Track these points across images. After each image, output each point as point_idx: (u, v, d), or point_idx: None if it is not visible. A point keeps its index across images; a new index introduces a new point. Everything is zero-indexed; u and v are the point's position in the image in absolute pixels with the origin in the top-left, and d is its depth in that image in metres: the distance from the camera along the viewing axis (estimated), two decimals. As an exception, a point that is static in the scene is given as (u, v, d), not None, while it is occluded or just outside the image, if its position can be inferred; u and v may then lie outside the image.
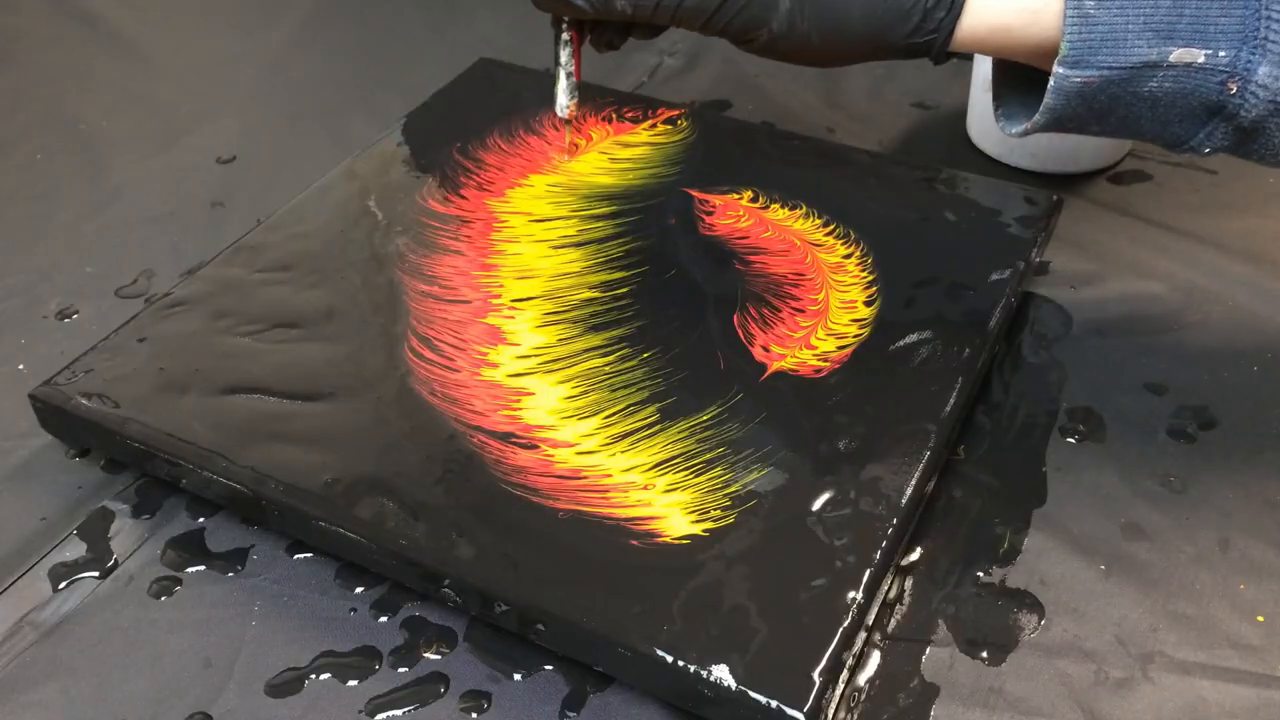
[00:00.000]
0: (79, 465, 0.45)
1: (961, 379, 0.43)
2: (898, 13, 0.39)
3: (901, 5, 0.39)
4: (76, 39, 0.75)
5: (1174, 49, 0.35)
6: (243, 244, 0.51)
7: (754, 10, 0.40)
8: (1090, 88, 0.36)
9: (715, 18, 0.40)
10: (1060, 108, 0.37)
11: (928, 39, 0.39)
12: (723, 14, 0.40)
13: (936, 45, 0.39)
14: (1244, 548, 0.41)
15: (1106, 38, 0.36)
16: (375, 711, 0.37)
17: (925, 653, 0.38)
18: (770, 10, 0.39)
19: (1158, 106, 0.37)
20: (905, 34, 0.39)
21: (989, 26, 0.39)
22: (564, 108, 0.48)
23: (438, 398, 0.43)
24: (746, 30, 0.40)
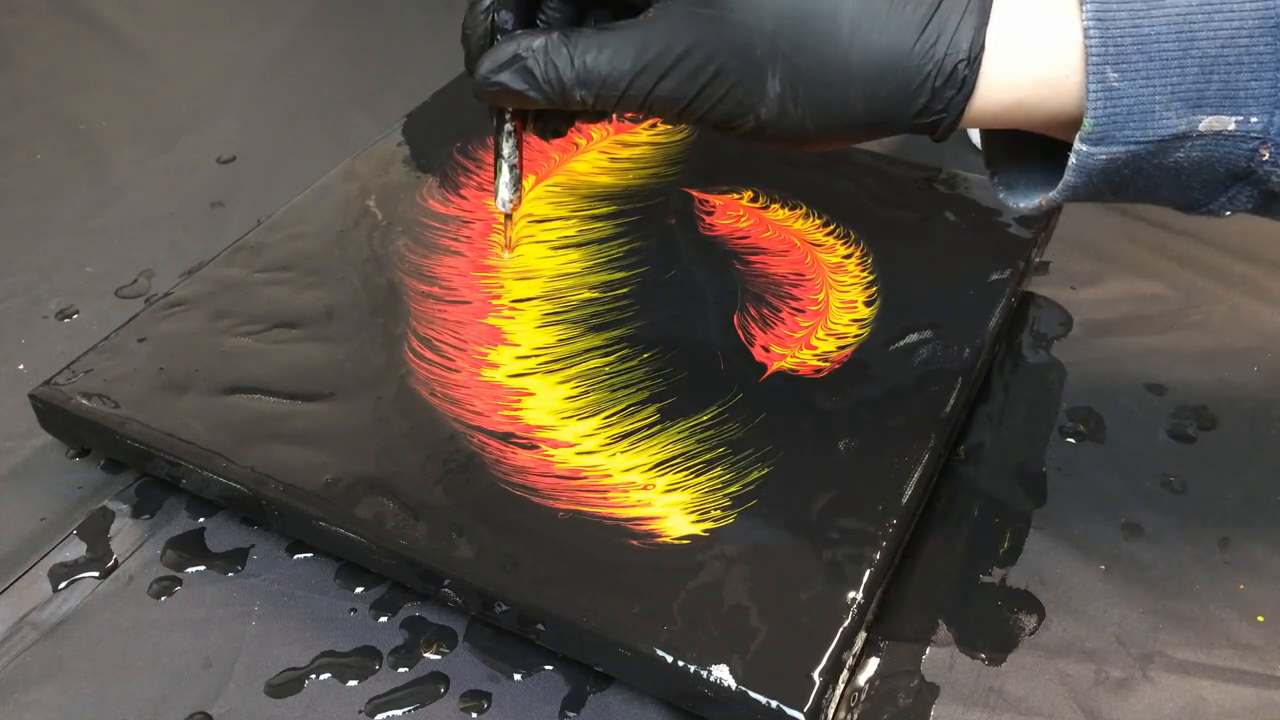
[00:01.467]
0: (79, 465, 0.45)
1: (961, 379, 0.43)
2: (903, 93, 0.34)
3: (907, 85, 0.34)
4: (76, 39, 0.75)
5: (1203, 117, 0.33)
6: (243, 244, 0.51)
7: (737, 97, 0.35)
8: (1115, 163, 0.33)
9: (692, 106, 0.36)
10: (1081, 185, 0.34)
11: (935, 118, 0.35)
12: (700, 102, 0.36)
13: (944, 125, 0.35)
14: (1244, 548, 0.41)
15: (1133, 111, 0.33)
16: (375, 711, 0.37)
17: (925, 653, 0.38)
18: (756, 96, 0.35)
19: (1181, 175, 0.34)
20: (911, 115, 0.35)
21: (1002, 103, 0.35)
22: (507, 202, 0.43)
23: (438, 398, 0.43)
24: (730, 119, 0.36)
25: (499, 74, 0.38)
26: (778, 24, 0.34)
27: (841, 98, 0.35)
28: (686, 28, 0.35)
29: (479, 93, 0.39)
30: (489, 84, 0.38)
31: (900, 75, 0.34)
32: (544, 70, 0.37)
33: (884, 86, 0.34)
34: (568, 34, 0.37)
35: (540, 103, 0.38)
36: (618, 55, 0.36)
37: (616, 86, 0.36)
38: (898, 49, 0.34)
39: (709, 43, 0.35)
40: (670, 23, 0.35)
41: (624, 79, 0.36)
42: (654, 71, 0.36)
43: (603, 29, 0.37)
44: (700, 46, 0.35)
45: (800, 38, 0.34)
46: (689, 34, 0.35)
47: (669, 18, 0.35)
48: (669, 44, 0.35)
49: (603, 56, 0.36)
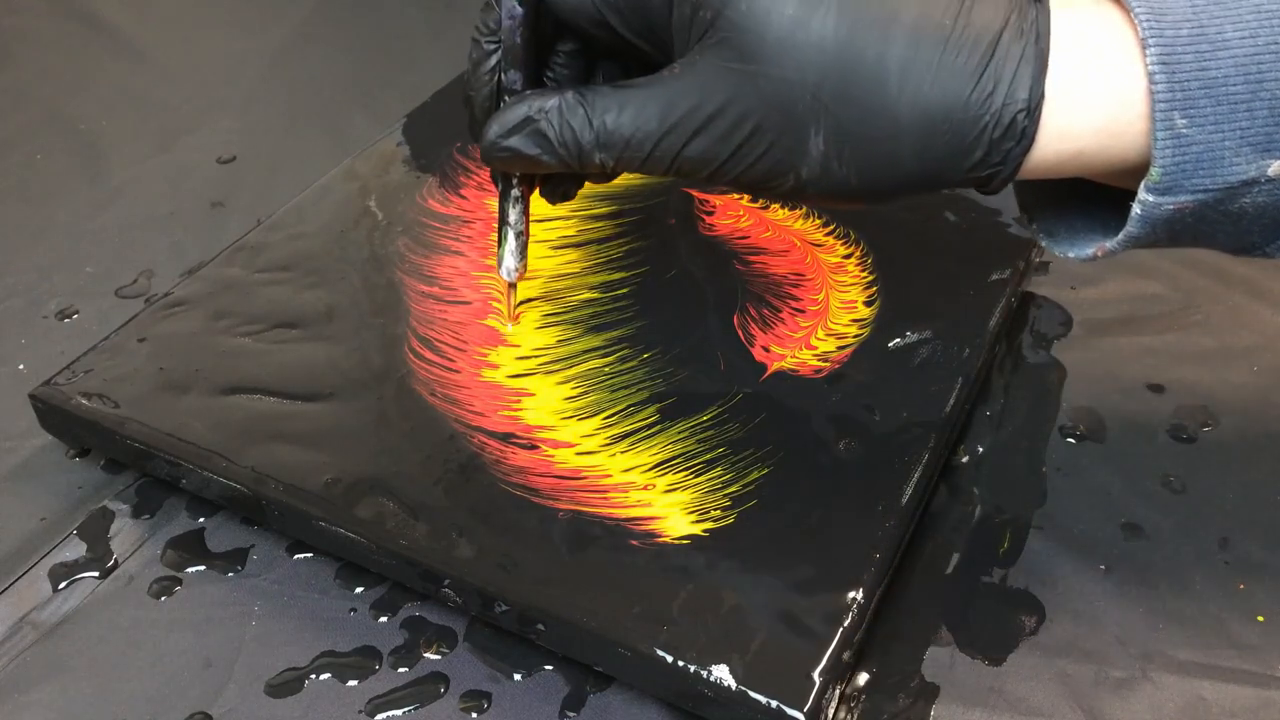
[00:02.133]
0: (79, 465, 0.45)
1: (961, 379, 0.43)
2: (958, 146, 0.32)
3: (962, 137, 0.32)
4: (76, 39, 0.75)
5: (1273, 161, 0.31)
6: (243, 244, 0.51)
7: (776, 155, 0.33)
8: (1181, 212, 0.32)
9: (725, 167, 0.33)
10: (1143, 235, 0.32)
11: (990, 171, 0.33)
12: (735, 163, 0.33)
13: (999, 178, 0.33)
14: (1244, 548, 0.41)
15: (1202, 158, 0.31)
16: (375, 711, 0.37)
17: (925, 653, 0.38)
18: (797, 155, 0.33)
19: (1242, 220, 0.33)
20: (966, 169, 0.33)
21: (1061, 153, 0.32)
22: (512, 272, 0.42)
23: (438, 398, 0.43)
24: (767, 179, 0.34)
25: (509, 138, 0.35)
26: (821, 76, 0.32)
27: (890, 153, 0.32)
28: (719, 83, 0.33)
29: (487, 159, 0.37)
30: (498, 149, 0.36)
31: (954, 127, 0.32)
32: (559, 132, 0.35)
33: (937, 140, 0.32)
34: (583, 93, 0.35)
35: (554, 167, 0.35)
36: (642, 114, 0.34)
37: (641, 148, 0.34)
38: (951, 100, 0.32)
39: (744, 99, 0.32)
40: (700, 78, 0.33)
41: (649, 140, 0.34)
42: (683, 131, 0.33)
43: (621, 86, 0.35)
44: (735, 103, 0.33)
45: (846, 90, 0.32)
46: (722, 90, 0.33)
47: (698, 73, 0.33)
48: (699, 101, 0.33)
49: (625, 116, 0.34)
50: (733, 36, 0.32)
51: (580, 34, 0.36)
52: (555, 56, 0.37)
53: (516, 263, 0.42)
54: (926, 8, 0.32)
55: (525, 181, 0.40)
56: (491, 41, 0.37)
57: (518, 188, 0.40)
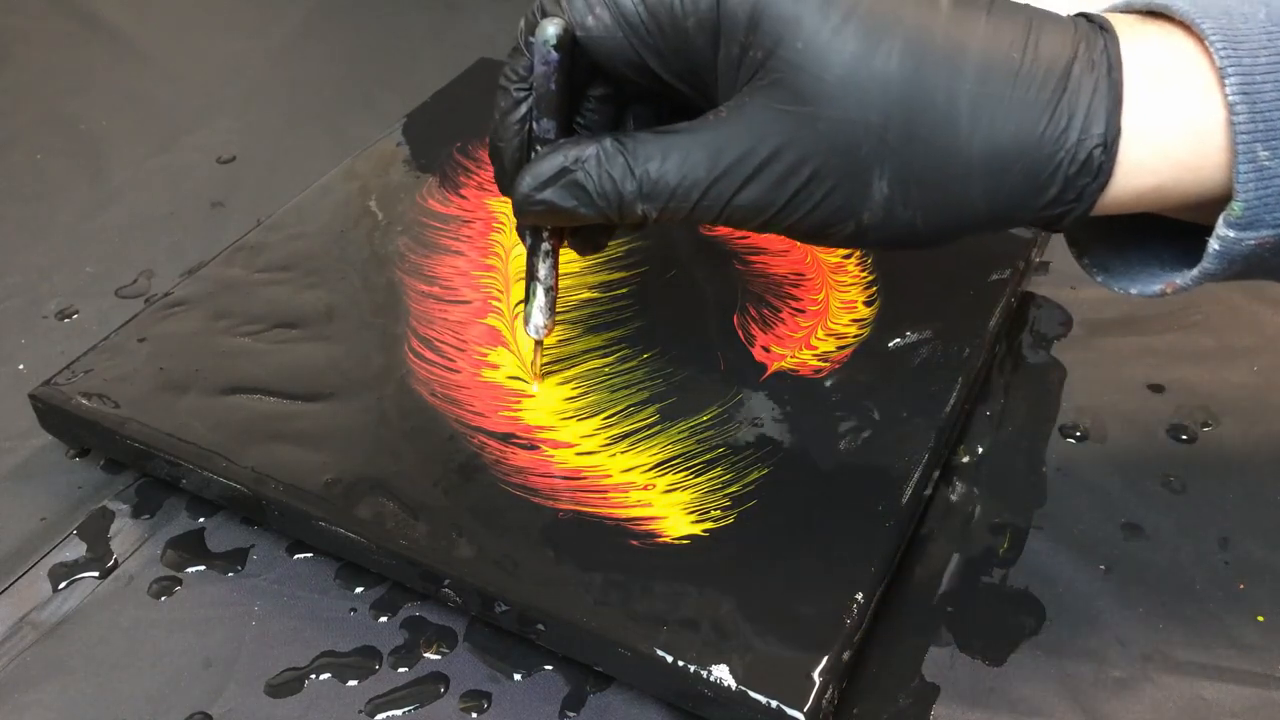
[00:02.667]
0: (79, 465, 0.45)
1: (961, 379, 0.43)
2: (1031, 185, 0.31)
3: (1036, 175, 0.30)
4: (76, 39, 0.75)
5: None
6: (243, 244, 0.51)
7: (836, 202, 0.31)
8: (1262, 248, 0.30)
9: (780, 215, 0.32)
10: (1219, 271, 0.31)
11: (1064, 209, 0.31)
12: (791, 210, 0.32)
13: (1072, 215, 0.31)
14: (1244, 548, 0.41)
15: None
16: (375, 711, 0.37)
17: (925, 653, 0.38)
18: (859, 199, 0.31)
19: None
20: (1039, 207, 0.31)
21: (1138, 189, 0.31)
22: (541, 329, 0.40)
23: (438, 398, 0.43)
24: (825, 226, 0.32)
25: (544, 191, 0.34)
26: (886, 116, 0.30)
27: (960, 194, 0.31)
28: (773, 126, 0.31)
29: (520, 213, 0.35)
30: (533, 203, 0.34)
31: (1028, 165, 0.30)
32: (598, 183, 0.33)
33: (1009, 178, 0.31)
34: (622, 140, 0.33)
35: (592, 219, 0.34)
36: (687, 161, 0.32)
37: (688, 197, 0.32)
38: (1024, 136, 0.30)
39: (802, 142, 0.31)
40: (751, 121, 0.31)
41: (697, 188, 0.32)
42: (734, 178, 0.32)
43: (663, 132, 0.33)
44: (791, 147, 0.31)
45: (912, 130, 0.30)
46: (776, 133, 0.31)
47: (748, 115, 0.31)
48: (752, 145, 0.31)
49: (669, 163, 0.32)
50: (787, 77, 0.31)
51: (614, 77, 0.34)
52: (586, 102, 0.35)
53: (545, 320, 0.40)
54: (993, 40, 0.30)
55: (556, 234, 0.38)
56: (522, 89, 0.35)
57: (548, 241, 0.38)
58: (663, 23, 0.32)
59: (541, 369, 0.43)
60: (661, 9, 0.32)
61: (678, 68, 0.33)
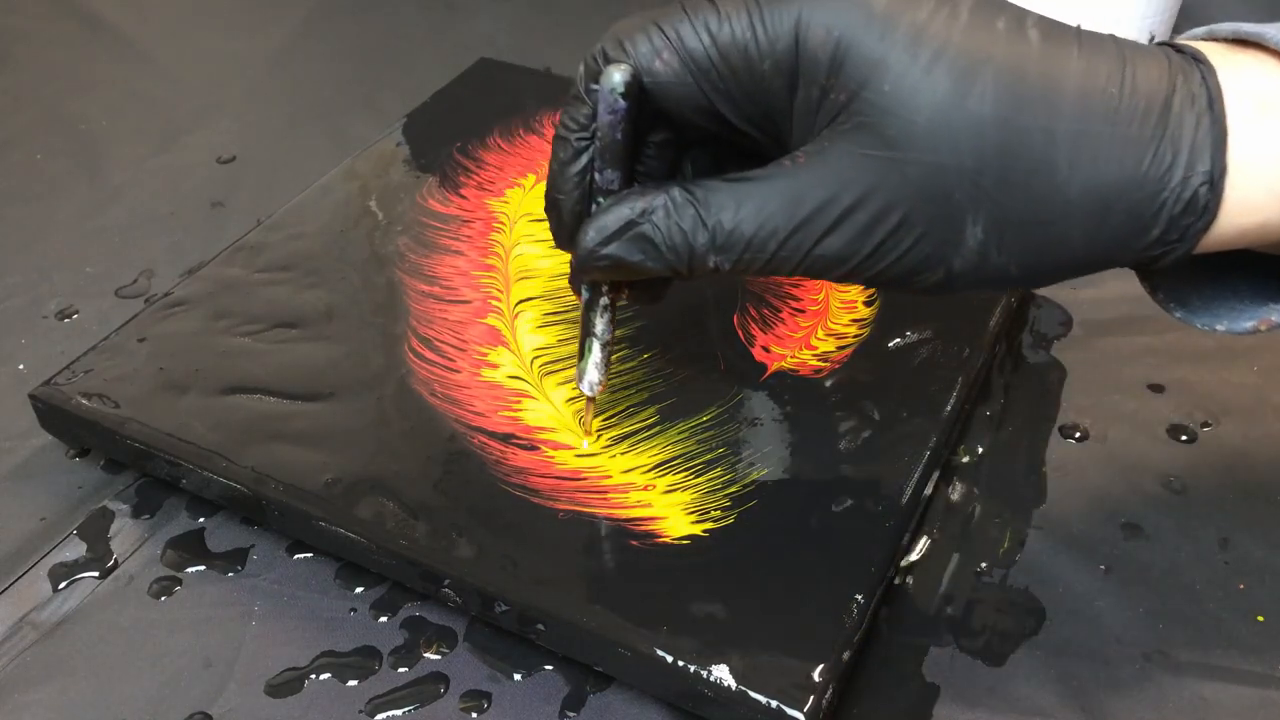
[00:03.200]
0: (79, 465, 0.45)
1: (961, 379, 0.43)
2: (1133, 226, 0.29)
3: (1138, 216, 0.29)
4: (76, 39, 0.75)
5: None
6: (243, 244, 0.51)
7: (925, 250, 0.30)
8: None
9: (863, 265, 0.30)
10: None
11: (1165, 250, 0.30)
12: (876, 260, 0.30)
13: (1173, 256, 0.30)
14: (1244, 548, 0.41)
15: None
16: (375, 711, 0.37)
17: (925, 653, 0.38)
18: (950, 246, 0.30)
19: None
20: (1139, 249, 0.30)
21: (1242, 226, 0.30)
22: (595, 385, 0.38)
23: (438, 398, 0.43)
24: (912, 274, 0.30)
25: (609, 245, 0.32)
26: (980, 159, 0.29)
27: (1058, 238, 0.30)
28: (857, 172, 0.29)
29: (584, 268, 0.33)
30: (597, 258, 0.32)
31: (1130, 205, 0.29)
32: (667, 236, 0.31)
33: (1110, 220, 0.29)
34: (690, 189, 0.31)
35: (660, 273, 0.32)
36: (764, 210, 0.30)
37: (764, 248, 0.31)
38: (1126, 175, 0.29)
39: (889, 189, 0.29)
40: (833, 167, 0.30)
41: (774, 239, 0.30)
42: (816, 226, 0.30)
43: (735, 179, 0.31)
44: (877, 193, 0.29)
45: (1009, 173, 0.29)
46: (861, 179, 0.29)
47: (830, 161, 0.30)
48: (834, 192, 0.30)
49: (744, 213, 0.30)
50: (873, 120, 0.29)
51: (677, 123, 0.33)
52: (645, 149, 0.33)
53: (600, 375, 0.38)
54: (1088, 76, 0.29)
55: (615, 288, 0.36)
56: (583, 138, 0.33)
57: (607, 295, 0.36)
58: (736, 66, 0.30)
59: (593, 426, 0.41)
60: (735, 52, 0.30)
61: (750, 112, 0.31)
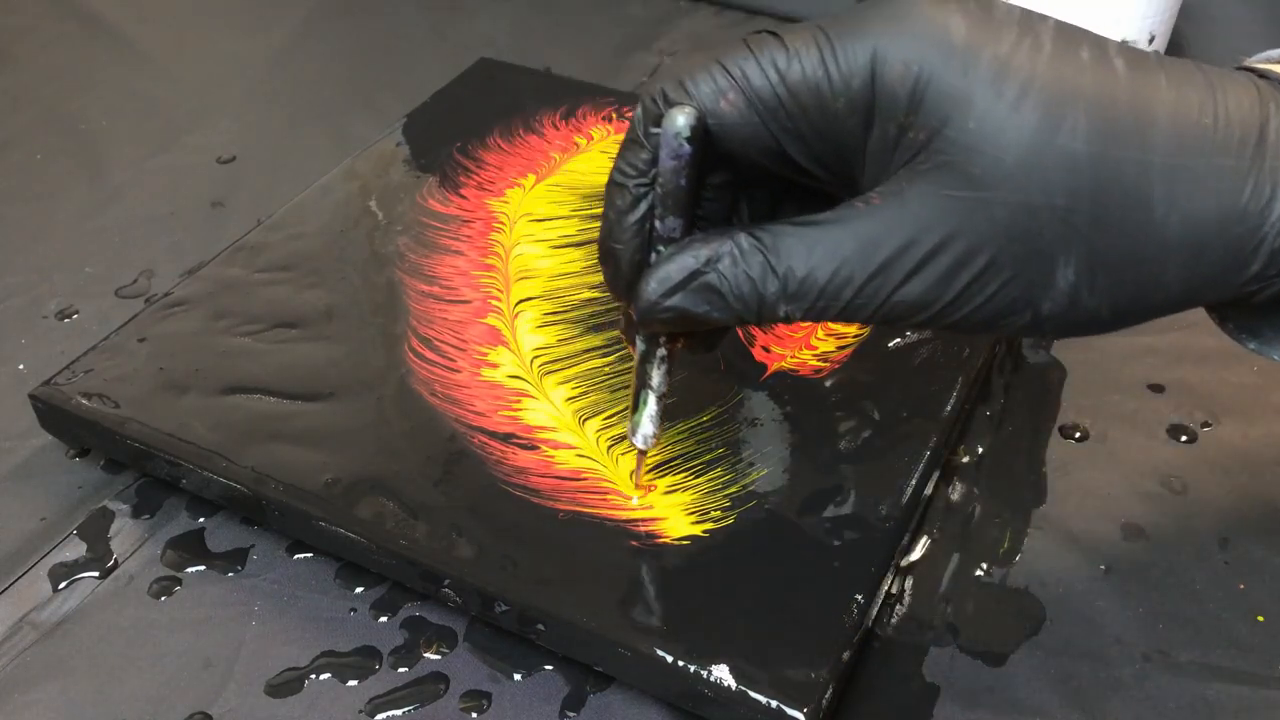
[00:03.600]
0: (79, 465, 0.45)
1: (961, 379, 0.43)
2: (1231, 261, 0.28)
3: (1237, 251, 0.28)
4: (76, 39, 0.75)
5: None
6: (243, 244, 0.51)
7: (1012, 293, 0.28)
8: None
9: (946, 311, 0.29)
10: None
11: (1263, 286, 0.29)
12: (959, 305, 0.29)
13: (1268, 293, 0.29)
14: (1244, 548, 0.41)
15: None
16: (375, 711, 0.37)
17: (925, 653, 0.38)
18: (1039, 290, 0.28)
19: None
20: (1238, 284, 0.29)
21: None
22: (650, 439, 0.37)
23: (438, 398, 0.43)
24: (996, 319, 0.29)
25: (673, 297, 0.30)
26: (1073, 198, 0.27)
27: (1153, 277, 0.28)
28: (939, 213, 0.28)
29: (646, 321, 0.31)
30: (660, 310, 0.30)
31: (1229, 241, 0.28)
32: (734, 285, 0.30)
33: (1208, 257, 0.28)
34: (757, 235, 0.30)
35: (726, 324, 0.31)
36: (839, 255, 0.29)
37: (838, 296, 0.29)
38: (1225, 210, 0.27)
39: (974, 230, 0.28)
40: (912, 209, 0.28)
41: (850, 285, 0.29)
42: (895, 272, 0.28)
43: (804, 223, 0.30)
44: (962, 236, 0.28)
45: (1102, 211, 0.28)
46: (943, 221, 0.28)
47: (908, 203, 0.28)
48: (914, 235, 0.28)
49: (817, 259, 0.29)
50: (957, 159, 0.28)
51: (741, 164, 0.31)
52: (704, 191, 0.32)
53: (655, 429, 0.36)
54: (1179, 106, 0.28)
55: (672, 339, 0.34)
56: (642, 184, 0.31)
57: (664, 346, 0.34)
58: (806, 105, 0.29)
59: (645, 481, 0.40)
60: (805, 90, 0.29)
61: (819, 151, 0.30)
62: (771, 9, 0.73)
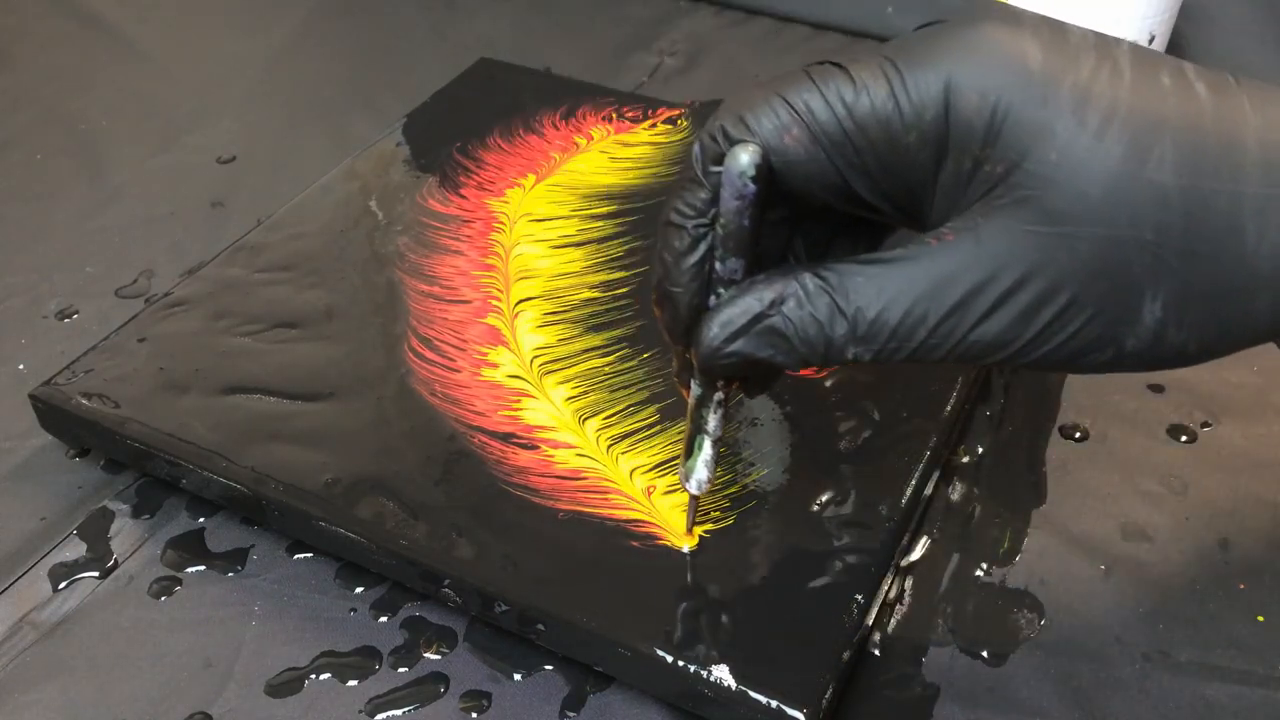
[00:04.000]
0: (79, 465, 0.45)
1: (961, 379, 0.43)
2: None
3: None
4: (76, 39, 0.75)
5: None
6: (243, 244, 0.51)
7: (1096, 330, 0.27)
8: None
9: (1026, 350, 0.28)
10: None
11: None
12: (1039, 344, 0.28)
13: None
14: (1244, 548, 0.41)
15: None
16: (375, 711, 0.37)
17: (925, 653, 0.38)
18: (1123, 326, 0.27)
19: None
20: None
21: None
22: (703, 484, 0.36)
23: (438, 398, 0.43)
24: (1079, 355, 0.28)
25: (735, 342, 0.29)
26: (1161, 231, 0.26)
27: (1242, 310, 0.27)
28: (1018, 249, 0.27)
29: (707, 367, 0.30)
30: (723, 356, 0.30)
31: None
32: (800, 329, 0.29)
33: None
34: (822, 275, 0.29)
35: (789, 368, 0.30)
36: (910, 295, 0.28)
37: (911, 337, 0.28)
38: None
39: (1057, 266, 0.27)
40: (989, 244, 0.27)
41: (924, 325, 0.28)
42: (971, 311, 0.27)
43: (872, 262, 0.28)
44: (1042, 272, 0.27)
45: (1193, 243, 0.27)
46: (1023, 257, 0.27)
47: (984, 238, 0.27)
48: (991, 273, 0.27)
49: (888, 299, 0.28)
50: (1037, 193, 0.27)
51: (801, 200, 0.30)
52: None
53: (709, 474, 0.35)
54: (1267, 131, 0.27)
55: (730, 383, 0.33)
56: (702, 225, 0.30)
57: (721, 390, 0.33)
58: (875, 140, 0.28)
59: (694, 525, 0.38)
60: (874, 124, 0.28)
61: (886, 187, 0.29)
62: (771, 9, 0.73)
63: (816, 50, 0.70)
